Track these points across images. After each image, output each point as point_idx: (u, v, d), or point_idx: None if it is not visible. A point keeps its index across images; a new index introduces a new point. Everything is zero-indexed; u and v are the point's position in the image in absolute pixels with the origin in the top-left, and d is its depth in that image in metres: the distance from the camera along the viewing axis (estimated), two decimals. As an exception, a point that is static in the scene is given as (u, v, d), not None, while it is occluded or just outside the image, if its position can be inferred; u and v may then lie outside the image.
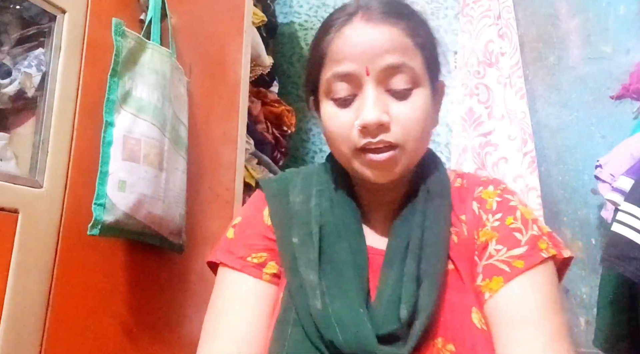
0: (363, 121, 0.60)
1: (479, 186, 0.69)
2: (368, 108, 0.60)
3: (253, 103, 1.68)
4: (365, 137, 0.61)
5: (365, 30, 0.62)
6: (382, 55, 0.61)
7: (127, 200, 0.85)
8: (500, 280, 0.59)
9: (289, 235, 0.65)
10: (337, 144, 0.65)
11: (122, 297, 0.92)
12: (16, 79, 0.82)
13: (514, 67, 1.65)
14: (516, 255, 0.60)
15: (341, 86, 0.63)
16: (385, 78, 0.62)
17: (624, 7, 1.63)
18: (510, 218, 0.64)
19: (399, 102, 0.62)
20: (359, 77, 0.62)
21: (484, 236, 0.63)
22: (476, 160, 1.59)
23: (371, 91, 0.61)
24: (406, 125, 0.62)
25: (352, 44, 0.62)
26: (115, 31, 0.89)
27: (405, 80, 0.62)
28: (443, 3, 1.96)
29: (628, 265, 1.01)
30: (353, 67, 0.62)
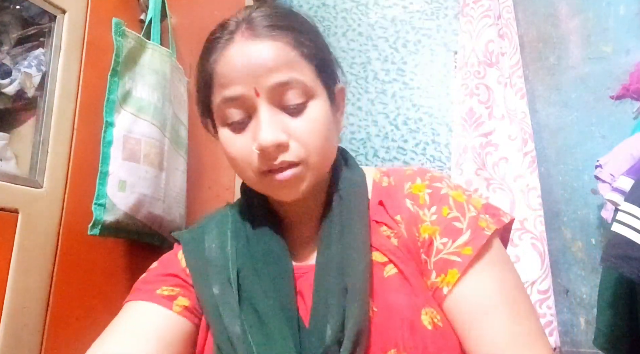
0: (259, 145, 0.58)
1: (407, 182, 0.67)
2: (263, 130, 0.58)
3: (253, 103, 1.68)
4: (265, 160, 0.59)
5: (248, 49, 0.60)
6: (269, 74, 0.59)
7: (127, 200, 0.85)
8: (455, 272, 0.58)
9: (209, 285, 0.62)
10: (240, 169, 0.63)
11: (122, 297, 0.92)
12: (16, 79, 0.82)
13: (514, 67, 1.65)
14: (462, 243, 0.59)
15: (233, 111, 0.61)
16: (277, 96, 0.60)
17: (624, 7, 1.63)
18: (446, 208, 0.62)
19: (295, 118, 0.60)
20: (250, 98, 0.59)
21: (425, 232, 0.62)
22: (477, 160, 1.59)
23: (265, 112, 0.59)
24: (305, 140, 0.60)
25: (237, 66, 0.59)
26: (115, 31, 0.89)
27: (297, 95, 0.60)
28: (443, 3, 1.96)
29: (628, 265, 1.01)
30: (241, 90, 0.59)
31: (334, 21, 2.13)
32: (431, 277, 0.60)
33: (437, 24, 1.95)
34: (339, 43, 2.10)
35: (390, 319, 0.56)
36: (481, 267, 0.59)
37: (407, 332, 0.55)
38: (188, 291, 0.65)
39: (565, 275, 1.56)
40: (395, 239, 0.62)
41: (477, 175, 1.57)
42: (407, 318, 0.56)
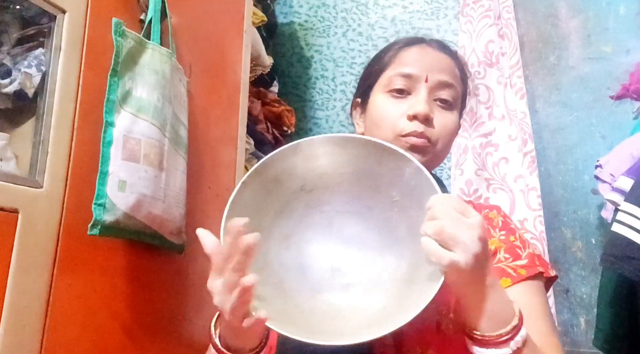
0: (416, 111, 0.73)
1: (485, 209, 0.81)
2: (421, 102, 0.74)
3: (253, 103, 1.68)
4: (414, 124, 0.73)
5: (431, 51, 0.78)
6: (440, 72, 0.76)
7: (127, 200, 0.85)
8: (508, 281, 0.70)
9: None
10: (381, 128, 0.76)
11: (122, 297, 0.92)
12: (16, 79, 0.82)
13: (514, 67, 1.65)
14: (519, 265, 0.71)
15: (401, 81, 0.76)
16: (436, 90, 0.76)
17: (624, 7, 1.63)
18: (512, 237, 0.76)
19: (442, 112, 0.76)
20: (418, 80, 0.75)
21: (492, 245, 0.74)
22: (477, 160, 1.59)
23: (424, 93, 0.75)
24: (442, 129, 0.75)
25: (419, 56, 0.77)
26: (115, 31, 0.89)
27: (450, 96, 0.77)
28: (443, 3, 1.96)
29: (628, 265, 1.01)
30: (416, 71, 0.76)
31: (334, 21, 2.13)
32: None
33: (437, 24, 1.95)
34: (339, 43, 2.10)
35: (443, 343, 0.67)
36: (527, 288, 0.70)
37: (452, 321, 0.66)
38: None
39: (565, 275, 1.56)
40: None
41: (477, 175, 1.57)
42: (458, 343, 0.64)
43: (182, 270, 1.09)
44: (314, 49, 2.14)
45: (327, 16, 2.14)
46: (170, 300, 1.05)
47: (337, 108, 2.06)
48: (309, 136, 0.68)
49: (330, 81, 2.09)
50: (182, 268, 1.09)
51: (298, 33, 2.17)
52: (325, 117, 2.07)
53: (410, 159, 0.62)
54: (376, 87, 0.80)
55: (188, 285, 1.10)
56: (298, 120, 1.97)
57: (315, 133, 2.05)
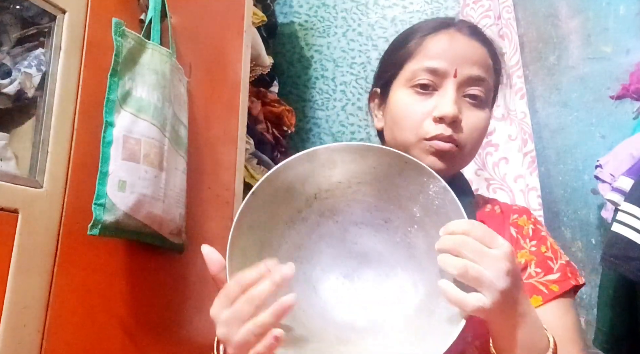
0: (443, 112, 0.66)
1: (514, 214, 0.74)
2: (449, 102, 0.66)
3: (253, 103, 1.68)
4: (440, 126, 0.66)
5: (460, 39, 0.69)
6: (472, 65, 0.68)
7: (127, 200, 0.85)
8: (539, 299, 0.65)
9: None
10: (403, 129, 0.69)
11: (122, 297, 0.92)
12: (16, 79, 0.82)
13: (514, 67, 1.65)
14: (551, 280, 0.67)
15: (427, 77, 0.68)
16: (466, 85, 0.68)
17: (624, 7, 1.63)
18: (544, 247, 0.70)
19: (471, 109, 0.69)
20: (446, 75, 0.67)
21: (522, 257, 0.69)
22: (477, 160, 1.59)
23: (452, 90, 0.67)
24: (472, 130, 0.68)
25: (448, 46, 0.68)
26: (115, 31, 0.89)
27: (481, 92, 0.69)
28: (443, 3, 1.96)
29: (628, 265, 1.01)
30: (444, 64, 0.67)
31: (334, 21, 2.13)
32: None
33: (437, 24, 1.95)
34: (339, 43, 2.10)
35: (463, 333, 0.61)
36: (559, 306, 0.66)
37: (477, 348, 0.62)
38: None
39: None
40: None
41: (478, 175, 1.57)
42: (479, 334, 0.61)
43: (182, 270, 1.09)
44: (314, 49, 2.14)
45: (327, 16, 2.14)
46: (170, 300, 1.05)
47: (337, 108, 2.06)
48: (309, 136, 0.67)
49: (330, 81, 2.09)
50: (182, 268, 1.09)
51: (298, 33, 2.17)
52: (325, 117, 2.07)
53: (437, 177, 0.57)
54: (398, 79, 0.72)
55: (188, 285, 1.10)
56: (298, 120, 1.97)
57: (315, 133, 2.05)
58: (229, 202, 1.29)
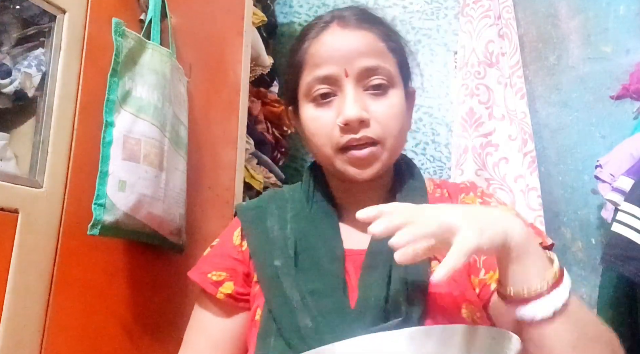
0: (345, 118, 0.64)
1: (461, 194, 0.73)
2: (349, 105, 0.64)
3: (253, 103, 1.68)
4: (347, 133, 0.64)
5: (342, 36, 0.67)
6: (359, 58, 0.65)
7: (127, 200, 0.85)
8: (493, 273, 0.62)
9: (270, 258, 0.68)
10: (318, 145, 0.68)
11: (122, 297, 0.92)
12: (16, 79, 0.82)
13: (514, 67, 1.65)
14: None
15: (322, 88, 0.66)
16: (363, 79, 0.66)
17: (624, 7, 1.63)
18: None
19: (377, 100, 0.66)
20: (339, 78, 0.65)
21: None
22: (477, 160, 1.59)
23: (350, 90, 0.65)
24: (384, 121, 0.65)
25: (331, 48, 0.66)
26: (115, 31, 0.89)
27: (381, 80, 0.66)
28: (443, 3, 1.96)
29: (628, 265, 1.01)
30: (333, 69, 0.65)
31: (334, 21, 2.13)
32: (480, 274, 0.64)
33: (437, 24, 1.95)
34: (339, 43, 2.10)
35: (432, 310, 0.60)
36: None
37: (446, 319, 0.59)
38: (234, 273, 0.72)
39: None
40: None
41: (478, 175, 1.57)
42: (448, 309, 0.60)
43: (182, 270, 1.09)
44: (314, 49, 2.14)
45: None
46: (170, 300, 1.05)
47: (337, 108, 2.06)
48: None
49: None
50: (182, 268, 1.09)
51: (298, 33, 2.17)
52: (325, 117, 2.07)
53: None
54: (300, 94, 0.70)
55: (188, 285, 1.10)
56: (298, 120, 1.97)
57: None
58: (229, 202, 1.29)
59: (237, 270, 0.73)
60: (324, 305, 0.61)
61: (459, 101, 1.68)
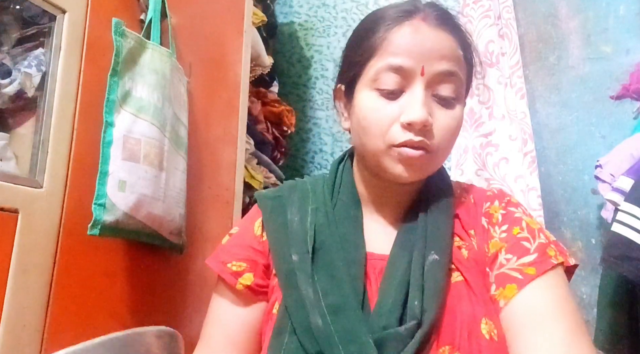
0: (411, 119, 0.60)
1: (487, 202, 0.70)
2: (418, 106, 0.60)
3: (253, 103, 1.68)
4: (409, 132, 0.61)
5: (426, 31, 0.62)
6: (440, 60, 0.62)
7: (127, 200, 0.85)
8: (514, 287, 0.59)
9: (288, 252, 0.66)
10: (370, 135, 0.64)
11: (122, 297, 0.92)
12: (16, 79, 0.82)
13: (514, 67, 1.65)
14: (527, 263, 0.61)
15: (392, 78, 0.62)
16: (435, 83, 0.62)
17: (624, 7, 1.63)
18: (517, 228, 0.64)
19: (443, 110, 0.63)
20: (412, 74, 0.62)
21: (493, 248, 0.64)
22: (477, 160, 1.59)
23: (421, 91, 0.61)
24: (444, 132, 0.63)
25: (413, 41, 0.62)
26: (115, 31, 0.89)
27: (452, 90, 0.63)
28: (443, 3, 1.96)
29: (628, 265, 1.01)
30: (410, 63, 0.61)
31: (334, 21, 2.13)
32: (491, 290, 0.62)
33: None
34: (339, 43, 2.10)
35: (450, 320, 0.58)
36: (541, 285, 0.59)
37: (464, 334, 0.57)
38: (254, 264, 0.70)
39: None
40: (466, 251, 0.65)
41: (478, 175, 1.57)
42: (466, 322, 0.58)
43: (182, 270, 1.09)
44: (314, 49, 2.14)
45: (327, 16, 2.14)
46: (171, 300, 1.05)
47: (337, 108, 2.06)
48: (309, 136, 0.66)
49: (330, 81, 2.09)
50: (182, 268, 1.09)
51: (298, 33, 2.17)
52: (325, 117, 2.07)
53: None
54: (362, 79, 0.65)
55: (188, 285, 1.10)
56: (298, 120, 1.97)
57: (315, 133, 2.05)
58: (229, 202, 1.29)
59: (258, 261, 0.70)
60: (336, 306, 0.60)
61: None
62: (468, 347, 0.57)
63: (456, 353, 0.57)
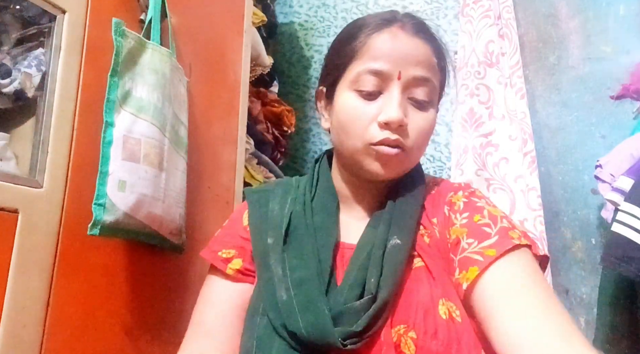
0: (388, 118, 0.65)
1: (450, 192, 0.73)
2: (394, 107, 0.65)
3: (253, 103, 1.68)
4: (386, 131, 0.66)
5: (403, 38, 0.68)
6: (415, 66, 0.67)
7: (127, 200, 0.85)
8: (475, 269, 0.61)
9: (265, 237, 0.71)
10: (350, 133, 0.68)
11: (122, 297, 0.92)
12: (16, 79, 0.82)
13: (514, 67, 1.65)
14: (487, 245, 0.62)
15: (371, 80, 0.67)
16: (411, 87, 0.67)
17: (624, 7, 1.63)
18: (478, 216, 0.67)
19: (417, 112, 0.68)
20: (390, 78, 0.67)
21: (454, 234, 0.67)
22: (477, 160, 1.59)
23: (397, 93, 0.66)
24: (418, 133, 0.68)
25: (392, 46, 0.67)
26: (115, 31, 0.89)
27: (426, 94, 0.68)
28: (443, 3, 1.96)
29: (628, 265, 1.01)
30: (388, 67, 0.66)
31: (334, 21, 2.13)
32: (455, 274, 0.64)
33: (437, 24, 1.95)
34: (339, 43, 2.10)
35: (406, 301, 0.62)
36: (503, 265, 0.61)
37: (420, 315, 0.60)
38: (242, 251, 0.76)
39: (565, 275, 1.56)
40: (428, 238, 0.69)
41: (478, 175, 1.57)
42: (422, 303, 0.61)
43: (182, 270, 1.09)
44: (314, 49, 2.14)
45: (327, 16, 2.14)
46: (170, 300, 1.05)
47: (337, 108, 2.06)
48: (309, 136, 0.68)
49: (330, 81, 2.09)
50: (182, 268, 1.09)
51: (298, 33, 2.17)
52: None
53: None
54: (343, 80, 0.70)
55: (188, 285, 1.10)
56: (298, 120, 1.97)
57: (315, 133, 2.05)
58: (229, 202, 1.29)
59: (245, 248, 0.76)
60: (300, 280, 0.63)
61: (459, 101, 1.68)
62: (424, 326, 0.59)
63: (411, 332, 0.59)
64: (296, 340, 0.60)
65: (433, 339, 0.58)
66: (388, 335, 0.59)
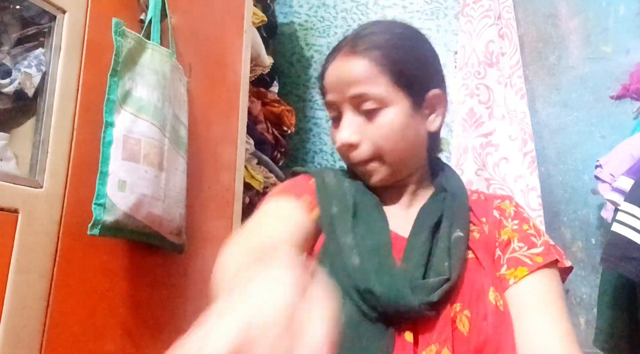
0: (336, 143, 0.73)
1: (497, 199, 0.80)
2: (341, 131, 0.72)
3: (253, 103, 1.68)
4: (344, 153, 0.73)
5: (340, 65, 0.73)
6: (349, 87, 0.72)
7: (127, 200, 0.85)
8: (524, 270, 0.70)
9: (330, 206, 0.72)
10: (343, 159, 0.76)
11: (122, 297, 0.92)
12: (16, 79, 0.82)
13: (514, 67, 1.65)
14: (535, 253, 0.71)
15: (331, 110, 0.76)
16: (357, 103, 0.72)
17: (624, 7, 1.63)
18: (526, 226, 0.75)
19: (369, 122, 0.72)
20: (339, 104, 0.73)
21: (505, 235, 0.74)
22: (477, 160, 1.59)
23: (347, 116, 0.72)
24: (375, 140, 0.71)
25: (332, 77, 0.74)
26: (115, 31, 0.89)
27: (371, 103, 0.71)
28: (443, 3, 1.96)
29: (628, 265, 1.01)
30: (334, 97, 0.74)
31: (334, 21, 2.13)
32: (501, 270, 0.72)
33: (437, 24, 1.95)
34: (339, 43, 2.10)
35: (464, 285, 0.67)
36: (544, 275, 0.70)
37: (474, 297, 0.66)
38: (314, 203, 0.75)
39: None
40: (478, 234, 0.74)
41: (478, 175, 1.57)
42: (476, 288, 0.67)
43: (182, 270, 1.09)
44: (314, 49, 2.14)
45: (327, 16, 2.14)
46: (170, 300, 1.05)
47: (337, 108, 2.06)
48: (309, 136, 0.68)
49: (330, 81, 2.09)
50: (182, 268, 1.09)
51: (298, 33, 2.17)
52: (325, 117, 2.07)
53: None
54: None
55: (188, 285, 1.10)
56: (298, 120, 1.97)
57: (315, 133, 2.05)
58: (229, 202, 1.29)
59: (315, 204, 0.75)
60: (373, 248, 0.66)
61: (459, 101, 1.68)
62: (476, 308, 0.65)
63: (466, 311, 0.65)
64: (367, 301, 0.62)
65: (484, 321, 0.64)
66: (448, 311, 0.65)
